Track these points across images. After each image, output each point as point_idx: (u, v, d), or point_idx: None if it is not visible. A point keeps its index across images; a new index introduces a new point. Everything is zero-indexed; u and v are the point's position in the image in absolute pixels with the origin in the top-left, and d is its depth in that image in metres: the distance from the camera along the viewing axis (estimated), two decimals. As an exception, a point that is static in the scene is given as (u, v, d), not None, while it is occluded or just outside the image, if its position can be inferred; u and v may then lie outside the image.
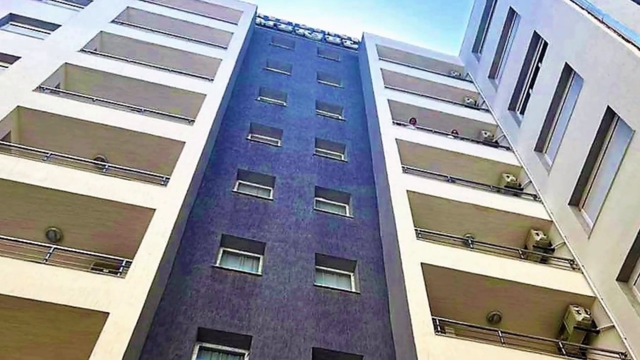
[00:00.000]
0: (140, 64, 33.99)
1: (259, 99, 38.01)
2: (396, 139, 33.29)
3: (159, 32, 38.85)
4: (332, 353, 21.65)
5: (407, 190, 28.48)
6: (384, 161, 31.06)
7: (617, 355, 21.83)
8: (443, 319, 22.44)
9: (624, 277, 23.28)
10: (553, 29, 34.35)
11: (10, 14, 33.70)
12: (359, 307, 23.88)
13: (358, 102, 41.57)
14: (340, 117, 38.96)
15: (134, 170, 25.75)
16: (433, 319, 21.27)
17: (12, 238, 20.71)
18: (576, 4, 31.60)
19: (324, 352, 21.57)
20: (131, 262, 20.33)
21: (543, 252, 28.11)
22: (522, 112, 37.11)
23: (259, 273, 24.29)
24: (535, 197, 31.36)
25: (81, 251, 21.65)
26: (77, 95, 29.42)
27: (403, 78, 43.69)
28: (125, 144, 27.84)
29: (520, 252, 27.81)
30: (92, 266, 22.18)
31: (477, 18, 48.46)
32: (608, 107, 26.71)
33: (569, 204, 28.23)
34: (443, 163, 33.57)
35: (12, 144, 25.55)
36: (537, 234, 28.69)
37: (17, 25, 33.77)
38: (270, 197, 29.14)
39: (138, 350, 19.09)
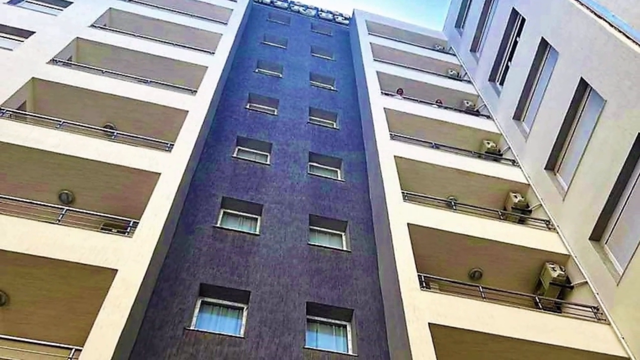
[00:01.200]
0: (147, 38, 33.83)
1: (256, 71, 37.73)
2: (384, 108, 33.17)
3: (164, 8, 38.57)
4: (325, 307, 21.61)
5: (395, 156, 28.40)
6: (373, 129, 30.94)
7: (590, 309, 21.82)
8: (428, 275, 22.43)
9: (596, 236, 23.27)
10: (530, 5, 34.10)
11: (26, -9, 33.48)
12: (349, 265, 23.79)
13: (349, 74, 41.30)
14: (332, 88, 38.74)
15: (141, 137, 25.70)
16: (419, 275, 21.21)
17: (27, 200, 20.77)
18: (552, -18, 31.45)
19: (317, 306, 21.53)
20: (138, 223, 20.28)
21: (521, 214, 28.02)
22: (501, 83, 37.04)
23: (257, 233, 24.17)
24: (513, 162, 31.29)
25: (91, 212, 21.56)
26: (88, 68, 29.34)
27: (390, 51, 43.53)
28: (132, 112, 27.81)
29: (500, 213, 27.83)
30: (101, 226, 22.08)
31: (460, -5, 48.21)
32: (581, 78, 26.62)
33: (545, 168, 28.19)
34: (428, 130, 33.49)
35: (27, 113, 25.56)
36: (516, 197, 28.63)
37: (31, 2, 33.50)
38: (267, 162, 28.95)
39: (144, 304, 19.05)
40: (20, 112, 25.09)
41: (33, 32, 29.45)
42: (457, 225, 24.64)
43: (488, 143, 33.44)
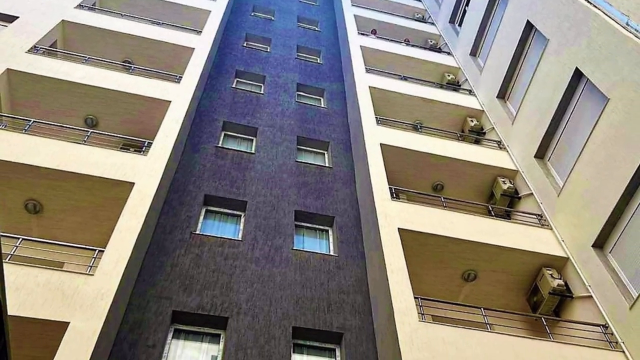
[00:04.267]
0: (159, -14, 33.27)
1: (252, 14, 37.14)
2: (360, 46, 32.77)
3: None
4: (310, 214, 21.44)
5: (369, 86, 27.99)
6: (351, 63, 30.62)
7: (535, 217, 21.69)
8: (397, 187, 22.24)
9: (540, 154, 23.08)
10: (485, -42, 33.52)
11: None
12: (331, 179, 23.58)
13: (330, 17, 40.80)
14: (316, 29, 38.27)
15: (154, 70, 25.49)
16: (390, 187, 20.90)
17: (58, 124, 20.65)
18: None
19: (303, 213, 21.36)
20: (152, 143, 20.09)
21: (476, 135, 27.69)
22: (459, 25, 36.49)
23: (253, 151, 23.91)
24: (470, 92, 30.93)
25: (112, 134, 21.40)
26: (109, 11, 29.29)
27: (366, -3, 42.91)
28: (147, 49, 27.69)
29: (458, 135, 27.44)
30: (121, 146, 21.87)
31: (425, -50, 47.42)
32: (527, 20, 26.26)
33: (496, 97, 27.90)
34: (397, 65, 33.21)
35: (58, 50, 25.29)
36: (472, 121, 28.31)
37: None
38: (262, 92, 28.61)
39: (157, 212, 18.91)
40: (52, 49, 24.86)
41: (63, -19, 29.08)
42: (422, 145, 24.30)
43: (448, 75, 33.12)
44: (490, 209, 22.81)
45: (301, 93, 30.02)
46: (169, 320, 16.01)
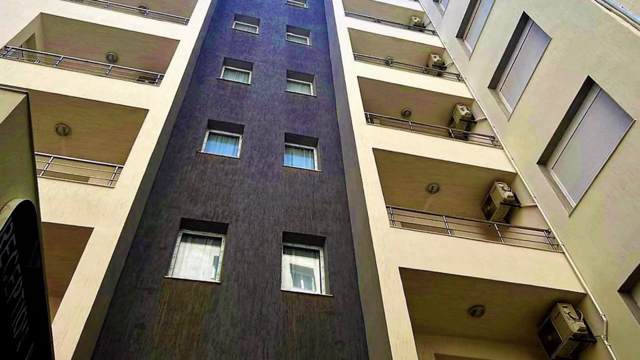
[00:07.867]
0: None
1: (249, -35, 36.21)
2: (341, -7, 32.17)
3: None
4: (298, 136, 21.06)
5: (348, 28, 27.52)
6: (333, 8, 30.05)
7: (488, 138, 21.34)
8: (372, 113, 21.90)
9: (492, 85, 22.66)
10: None
11: None
12: (315, 106, 23.13)
13: (316, -32, 39.77)
14: (304, -21, 37.36)
15: (165, 14, 25.14)
16: (365, 113, 20.49)
17: (84, 60, 20.35)
18: None
19: (292, 135, 20.98)
20: (163, 76, 19.76)
21: (439, 69, 27.15)
22: (425, -25, 35.71)
23: (249, 83, 23.39)
24: (433, 32, 30.32)
25: (130, 68, 21.07)
26: (127, -37, 28.55)
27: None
28: None
29: (423, 69, 26.98)
30: (137, 79, 21.51)
31: None
32: (484, -28, 25.65)
33: (456, 36, 27.38)
34: (372, 9, 32.53)
35: None
36: (435, 57, 27.75)
37: None
38: (257, 32, 27.97)
39: (168, 134, 18.56)
40: (79, -4, 24.48)
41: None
42: (393, 78, 23.83)
43: (415, 19, 32.42)
44: (451, 131, 22.45)
45: (290, 33, 29.39)
46: (178, 226, 15.83)
